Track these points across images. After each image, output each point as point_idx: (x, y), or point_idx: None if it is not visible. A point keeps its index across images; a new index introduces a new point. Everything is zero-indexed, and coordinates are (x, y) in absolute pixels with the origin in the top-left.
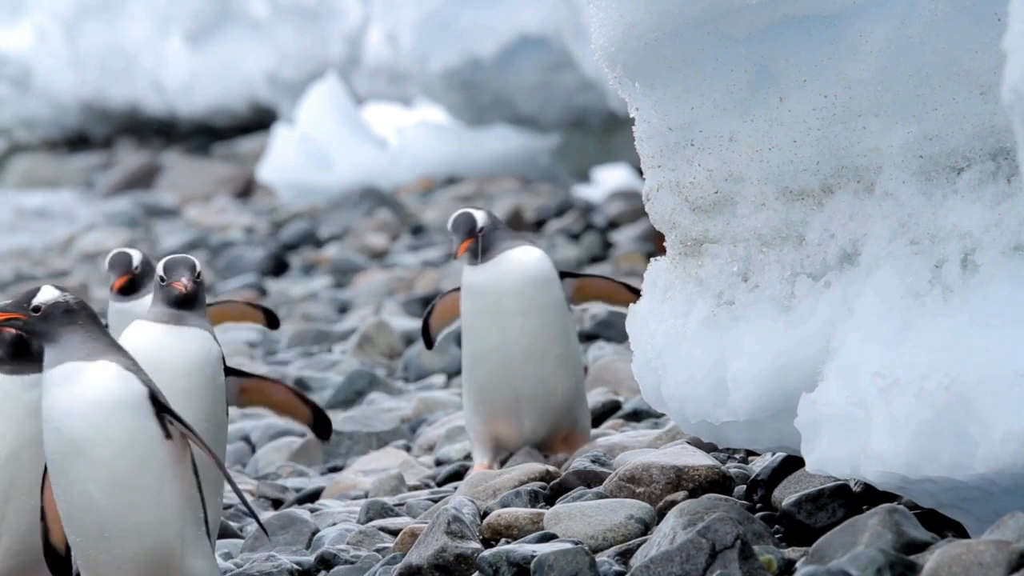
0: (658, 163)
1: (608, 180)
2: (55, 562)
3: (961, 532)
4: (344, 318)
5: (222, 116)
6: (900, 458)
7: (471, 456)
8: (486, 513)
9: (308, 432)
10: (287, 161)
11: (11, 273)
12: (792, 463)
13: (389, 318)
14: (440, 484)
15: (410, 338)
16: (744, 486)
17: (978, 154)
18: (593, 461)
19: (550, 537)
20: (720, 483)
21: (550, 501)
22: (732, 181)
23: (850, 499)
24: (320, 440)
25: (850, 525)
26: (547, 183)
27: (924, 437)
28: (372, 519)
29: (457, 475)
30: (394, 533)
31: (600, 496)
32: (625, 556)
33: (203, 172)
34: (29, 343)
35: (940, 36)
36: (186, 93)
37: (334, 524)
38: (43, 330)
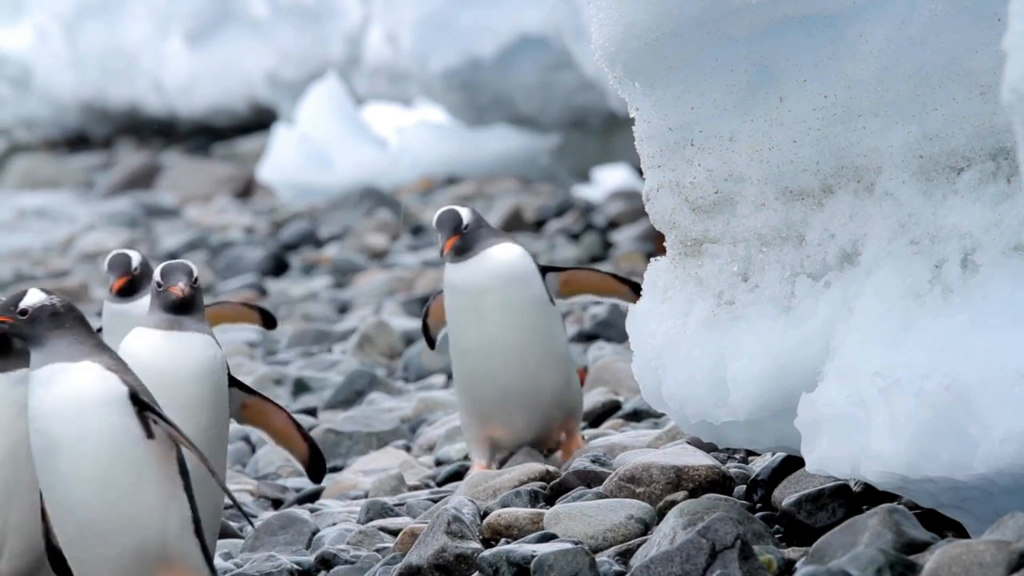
0: (658, 163)
1: (608, 180)
2: (57, 561)
3: (961, 532)
4: (344, 318)
5: (222, 116)
6: (900, 458)
7: (471, 456)
8: (486, 513)
9: (300, 469)
10: (287, 161)
11: (11, 273)
12: (792, 463)
13: (389, 318)
14: (440, 484)
15: (410, 338)
16: (744, 486)
17: (978, 154)
18: (593, 461)
19: (550, 537)
20: (720, 483)
21: (550, 501)
22: (732, 181)
23: (850, 499)
24: (312, 480)
25: (850, 525)
26: (547, 183)
27: (924, 437)
28: (372, 519)
29: (457, 475)
30: (394, 533)
31: (600, 496)
32: (625, 556)
33: (203, 172)
34: (11, 340)
35: (940, 36)
36: (186, 93)
37: (334, 524)
38: (30, 333)
